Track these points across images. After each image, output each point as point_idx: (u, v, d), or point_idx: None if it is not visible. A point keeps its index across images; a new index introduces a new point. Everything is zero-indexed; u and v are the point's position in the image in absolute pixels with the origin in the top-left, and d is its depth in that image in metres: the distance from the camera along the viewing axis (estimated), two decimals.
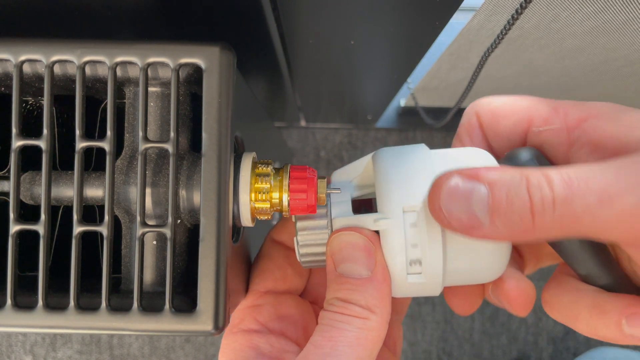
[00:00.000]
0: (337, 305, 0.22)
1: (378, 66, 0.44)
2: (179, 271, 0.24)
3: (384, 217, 0.23)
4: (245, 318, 0.26)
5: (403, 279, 0.23)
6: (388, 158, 0.24)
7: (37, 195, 0.24)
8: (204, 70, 0.22)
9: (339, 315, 0.22)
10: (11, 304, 0.21)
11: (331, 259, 0.23)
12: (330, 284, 0.23)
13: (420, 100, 0.66)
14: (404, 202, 0.23)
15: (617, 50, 0.42)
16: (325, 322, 0.22)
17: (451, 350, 0.91)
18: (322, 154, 0.89)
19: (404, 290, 0.24)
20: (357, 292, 0.22)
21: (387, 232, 0.23)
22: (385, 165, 0.24)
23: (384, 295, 0.22)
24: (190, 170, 0.23)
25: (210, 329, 0.21)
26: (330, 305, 0.22)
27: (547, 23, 0.36)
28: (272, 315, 0.26)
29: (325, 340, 0.21)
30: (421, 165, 0.23)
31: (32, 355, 0.90)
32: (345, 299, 0.22)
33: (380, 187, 0.23)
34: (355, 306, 0.22)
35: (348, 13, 0.30)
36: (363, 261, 0.22)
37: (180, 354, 0.90)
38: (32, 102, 0.26)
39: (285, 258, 0.28)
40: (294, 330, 0.26)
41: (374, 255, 0.22)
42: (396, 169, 0.23)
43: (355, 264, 0.22)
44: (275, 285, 0.27)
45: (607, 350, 0.63)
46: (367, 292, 0.22)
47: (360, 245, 0.23)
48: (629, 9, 0.33)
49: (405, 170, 0.23)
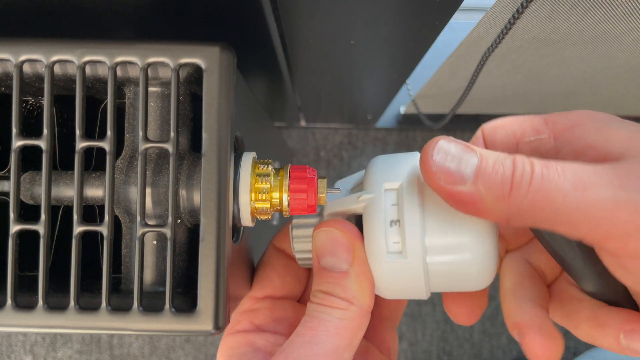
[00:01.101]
0: (319, 297, 0.23)
1: (378, 66, 0.44)
2: (179, 271, 0.24)
3: (366, 192, 0.24)
4: (242, 321, 0.27)
5: (383, 256, 0.23)
6: (380, 158, 0.26)
7: (37, 195, 0.24)
8: (204, 70, 0.22)
9: (321, 306, 0.23)
10: (11, 304, 0.21)
11: (315, 253, 0.24)
12: (314, 277, 0.24)
13: (420, 107, 0.66)
14: (385, 180, 0.24)
15: (617, 59, 0.43)
16: (309, 313, 0.23)
17: (451, 350, 0.91)
18: (322, 154, 0.89)
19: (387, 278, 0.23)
20: (337, 285, 0.23)
21: (369, 208, 0.24)
22: (375, 162, 0.25)
23: (364, 287, 0.23)
24: (190, 170, 0.23)
25: (210, 329, 0.21)
26: (314, 297, 0.24)
27: (547, 34, 0.37)
28: (268, 318, 0.27)
29: (307, 329, 0.22)
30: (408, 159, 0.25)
31: (32, 355, 0.90)
32: (326, 291, 0.23)
33: (367, 175, 0.25)
34: (335, 298, 0.23)
35: (348, 13, 0.30)
36: (342, 255, 0.23)
37: (180, 354, 0.90)
38: (32, 102, 0.26)
39: (285, 266, 0.28)
40: (289, 331, 0.27)
41: (352, 249, 0.23)
42: (384, 162, 0.25)
43: (335, 258, 0.23)
44: (274, 292, 0.28)
45: (607, 350, 0.63)
46: (346, 284, 0.23)
47: (340, 240, 0.24)
48: (629, 19, 0.33)
49: (391, 162, 0.25)
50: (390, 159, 0.25)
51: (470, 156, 0.21)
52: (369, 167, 0.25)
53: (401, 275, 0.23)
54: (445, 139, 0.21)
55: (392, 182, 0.24)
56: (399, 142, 0.88)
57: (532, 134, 0.24)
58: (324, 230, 0.24)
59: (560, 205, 0.19)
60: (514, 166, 0.20)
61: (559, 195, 0.19)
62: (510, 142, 0.25)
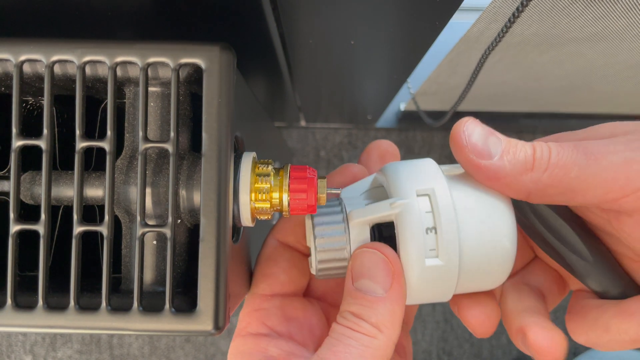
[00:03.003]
0: (349, 319, 0.22)
1: (378, 66, 0.44)
2: (179, 271, 0.24)
3: (399, 198, 0.23)
4: (252, 322, 0.26)
5: (422, 264, 0.23)
6: (398, 165, 0.25)
7: (37, 195, 0.24)
8: (204, 70, 0.22)
9: (348, 330, 0.22)
10: (11, 304, 0.21)
11: (351, 272, 0.24)
12: (345, 296, 0.23)
13: (420, 104, 0.66)
14: (417, 186, 0.24)
15: (616, 55, 0.43)
16: (334, 336, 0.22)
17: (451, 350, 0.91)
18: (322, 154, 0.89)
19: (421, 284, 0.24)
20: (369, 309, 0.22)
21: (403, 215, 0.23)
22: (395, 167, 0.25)
23: (395, 317, 0.23)
24: (190, 170, 0.23)
25: (210, 329, 0.21)
26: (342, 318, 0.23)
27: (547, 29, 0.36)
28: (280, 318, 0.26)
29: (331, 353, 0.22)
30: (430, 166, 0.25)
31: (32, 355, 0.90)
32: (356, 313, 0.23)
33: (390, 181, 0.24)
34: (365, 322, 0.22)
35: (348, 13, 0.30)
36: (381, 280, 0.23)
37: (180, 353, 0.90)
38: (32, 102, 0.26)
39: (290, 260, 0.28)
40: (300, 333, 0.26)
41: (391, 275, 0.23)
42: (406, 168, 0.25)
43: (372, 282, 0.23)
44: (281, 288, 0.27)
45: None
46: (379, 310, 0.22)
47: (382, 265, 0.23)
48: (629, 14, 0.33)
49: (414, 168, 0.25)
50: (409, 165, 0.25)
51: (496, 137, 0.23)
52: (390, 173, 0.25)
53: (435, 280, 0.24)
54: (473, 120, 0.23)
55: (423, 187, 0.23)
56: (399, 142, 0.88)
57: None
58: (368, 251, 0.23)
59: (576, 175, 0.21)
60: (534, 148, 0.22)
61: (574, 166, 0.21)
62: None
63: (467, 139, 0.23)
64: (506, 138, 0.23)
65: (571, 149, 0.22)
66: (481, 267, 0.24)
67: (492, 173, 0.22)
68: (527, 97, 0.63)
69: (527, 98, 0.64)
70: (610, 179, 0.21)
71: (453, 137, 0.23)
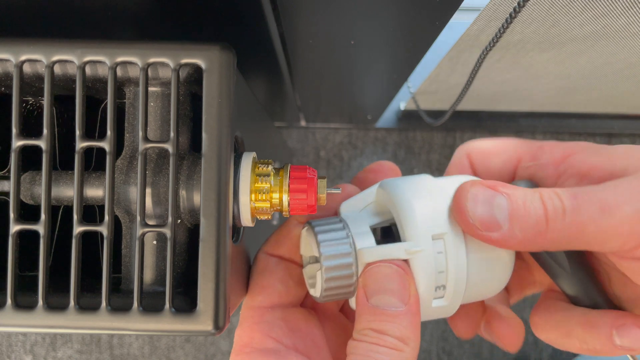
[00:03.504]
0: (371, 336, 0.22)
1: (378, 66, 0.44)
2: (179, 271, 0.24)
3: (415, 245, 0.23)
4: (256, 336, 0.25)
5: (428, 305, 0.24)
6: (402, 187, 0.25)
7: (37, 195, 0.24)
8: (204, 70, 0.22)
9: (374, 346, 0.22)
10: (11, 304, 0.21)
11: (363, 290, 0.23)
12: (361, 315, 0.23)
13: (420, 103, 0.66)
14: (433, 230, 0.23)
15: (617, 54, 0.42)
16: (359, 352, 0.22)
17: (451, 349, 0.91)
18: (322, 154, 0.89)
19: (425, 316, 0.24)
20: (391, 324, 0.22)
21: (418, 260, 0.23)
22: (402, 193, 0.24)
23: (416, 326, 0.23)
24: (190, 170, 0.23)
25: (210, 329, 0.21)
26: (363, 335, 0.22)
27: (547, 28, 0.36)
28: (285, 330, 0.26)
29: None
30: (437, 192, 0.24)
31: (32, 355, 0.90)
32: (379, 330, 0.22)
33: (403, 215, 0.24)
34: (390, 337, 0.22)
35: (348, 13, 0.30)
36: (398, 294, 0.23)
37: (180, 353, 0.90)
38: (32, 102, 0.26)
39: (286, 270, 0.27)
40: (304, 344, 0.26)
41: (408, 287, 0.23)
42: (416, 198, 0.24)
43: (390, 296, 0.23)
44: (280, 299, 0.27)
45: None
46: (401, 323, 0.22)
47: (396, 278, 0.23)
48: (629, 12, 0.33)
49: (424, 198, 0.24)
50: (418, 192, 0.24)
51: (501, 199, 0.22)
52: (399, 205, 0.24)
53: (438, 312, 0.24)
54: (474, 185, 0.23)
55: (438, 231, 0.23)
56: (399, 142, 0.88)
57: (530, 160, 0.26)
58: (381, 265, 0.23)
59: (593, 230, 0.21)
60: (543, 203, 0.21)
61: (590, 222, 0.21)
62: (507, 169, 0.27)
63: (473, 215, 0.22)
64: (511, 193, 0.22)
65: (585, 202, 0.21)
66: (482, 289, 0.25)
67: (503, 242, 0.22)
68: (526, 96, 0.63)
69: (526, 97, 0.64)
70: (627, 233, 0.21)
71: (458, 211, 0.23)
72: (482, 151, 0.27)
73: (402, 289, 0.23)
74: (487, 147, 0.28)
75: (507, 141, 0.27)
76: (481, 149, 0.28)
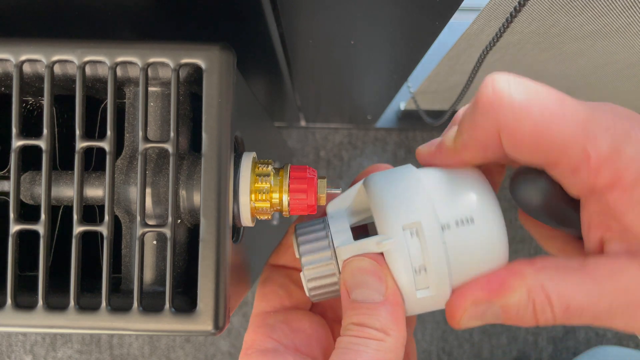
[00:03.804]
0: (354, 330, 0.22)
1: (378, 66, 0.44)
2: (179, 271, 0.24)
3: (386, 237, 0.23)
4: (258, 338, 0.26)
5: (413, 295, 0.23)
6: (379, 181, 0.25)
7: (37, 195, 0.24)
8: (204, 70, 0.22)
9: (355, 338, 0.22)
10: (11, 304, 0.21)
11: (344, 286, 0.24)
12: (345, 311, 0.23)
13: (420, 103, 0.66)
14: (403, 219, 0.23)
15: (617, 53, 0.42)
16: (342, 346, 0.22)
17: (451, 350, 0.91)
18: (322, 154, 0.89)
19: (415, 307, 0.24)
20: (371, 316, 0.22)
21: (391, 252, 0.23)
22: (377, 188, 0.24)
23: (398, 317, 0.23)
24: (190, 170, 0.23)
25: (210, 329, 0.21)
26: (346, 330, 0.23)
27: (547, 27, 0.36)
28: (285, 331, 0.26)
29: None
30: (412, 183, 0.24)
31: (32, 355, 0.90)
32: (360, 323, 0.22)
33: (376, 209, 0.24)
34: (370, 329, 0.22)
35: (348, 13, 0.30)
36: (374, 286, 0.23)
37: (180, 353, 0.90)
38: (32, 102, 0.26)
39: (287, 277, 0.28)
40: (307, 345, 0.26)
41: (384, 279, 0.23)
42: (389, 190, 0.24)
43: (367, 289, 0.23)
44: (282, 303, 0.27)
45: (608, 349, 0.63)
46: (381, 315, 0.22)
47: (370, 270, 0.23)
48: (629, 12, 0.33)
49: (397, 190, 0.24)
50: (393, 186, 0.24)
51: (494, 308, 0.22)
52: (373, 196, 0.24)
53: (429, 303, 0.24)
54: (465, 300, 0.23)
55: (409, 220, 0.23)
56: (399, 142, 0.88)
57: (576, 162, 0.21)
58: (354, 260, 0.23)
59: (592, 316, 0.21)
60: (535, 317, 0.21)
61: (588, 312, 0.21)
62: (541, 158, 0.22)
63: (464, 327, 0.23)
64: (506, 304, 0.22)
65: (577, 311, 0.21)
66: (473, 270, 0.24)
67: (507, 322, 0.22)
68: None
69: None
70: (634, 312, 0.21)
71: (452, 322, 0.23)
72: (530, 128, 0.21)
73: (378, 281, 0.23)
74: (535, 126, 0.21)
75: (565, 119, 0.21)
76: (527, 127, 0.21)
